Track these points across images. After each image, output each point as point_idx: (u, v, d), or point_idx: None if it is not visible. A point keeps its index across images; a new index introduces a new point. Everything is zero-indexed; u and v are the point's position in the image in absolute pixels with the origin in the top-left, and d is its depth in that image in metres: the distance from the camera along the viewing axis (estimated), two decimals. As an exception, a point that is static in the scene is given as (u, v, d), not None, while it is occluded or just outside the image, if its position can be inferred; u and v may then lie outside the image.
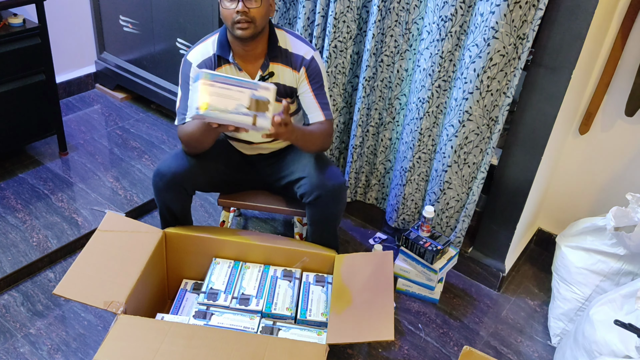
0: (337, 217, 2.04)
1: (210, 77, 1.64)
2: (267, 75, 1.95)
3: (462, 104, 2.04)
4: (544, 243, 2.59)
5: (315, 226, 2.05)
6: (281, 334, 1.79)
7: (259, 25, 1.84)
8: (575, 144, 2.34)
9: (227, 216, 2.28)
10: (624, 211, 1.89)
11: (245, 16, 1.79)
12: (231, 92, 1.65)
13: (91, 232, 2.34)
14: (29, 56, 2.55)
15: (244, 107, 1.66)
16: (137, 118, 3.26)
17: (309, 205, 1.98)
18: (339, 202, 1.98)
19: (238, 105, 1.66)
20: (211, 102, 1.65)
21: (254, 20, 1.81)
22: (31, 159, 2.84)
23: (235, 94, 1.65)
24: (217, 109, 1.65)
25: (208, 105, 1.64)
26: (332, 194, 1.94)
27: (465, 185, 2.23)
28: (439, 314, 2.27)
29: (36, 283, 2.22)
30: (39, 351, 1.97)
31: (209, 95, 1.64)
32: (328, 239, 2.07)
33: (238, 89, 1.65)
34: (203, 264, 2.04)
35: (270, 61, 1.94)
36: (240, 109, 1.66)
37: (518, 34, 1.87)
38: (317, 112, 1.99)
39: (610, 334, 1.72)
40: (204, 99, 1.64)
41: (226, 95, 1.65)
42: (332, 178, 1.95)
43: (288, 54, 1.96)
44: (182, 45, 2.89)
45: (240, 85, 1.66)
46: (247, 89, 1.66)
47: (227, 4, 1.80)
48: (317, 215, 2.00)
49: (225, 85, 1.65)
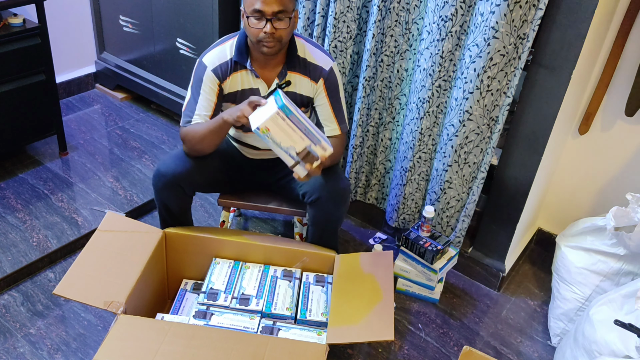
0: (338, 219, 2.03)
1: (287, 112, 1.63)
2: (284, 84, 1.94)
3: (463, 103, 2.04)
4: (544, 243, 2.59)
5: (315, 227, 2.04)
6: (281, 334, 1.79)
7: (284, 43, 1.84)
8: (575, 144, 2.34)
9: (227, 216, 2.28)
10: (624, 211, 1.89)
11: (272, 37, 1.79)
12: (294, 133, 1.66)
13: (91, 232, 2.34)
14: (29, 56, 2.55)
15: (294, 151, 1.69)
16: (137, 118, 3.26)
17: (310, 206, 1.98)
18: (341, 205, 1.97)
19: (291, 147, 1.68)
20: (272, 131, 1.65)
21: (280, 39, 1.81)
22: (31, 159, 2.84)
23: (296, 137, 1.67)
24: (272, 138, 1.66)
25: (268, 131, 1.65)
26: (333, 196, 1.92)
27: (466, 185, 2.23)
28: (439, 314, 2.27)
29: (36, 283, 2.22)
30: (39, 351, 1.97)
31: (274, 124, 1.64)
32: (328, 240, 2.06)
33: (301, 135, 1.67)
34: (203, 264, 2.04)
35: (289, 70, 1.93)
36: (291, 151, 1.69)
37: (518, 33, 1.87)
38: (333, 125, 2.00)
39: (610, 334, 1.72)
40: (269, 124, 1.64)
41: (287, 133, 1.66)
42: (335, 180, 1.93)
43: (307, 63, 1.94)
44: (182, 45, 2.89)
45: (306, 132, 1.67)
46: (308, 138, 1.68)
47: (255, 22, 1.78)
48: (318, 216, 1.99)
49: (293, 125, 1.65)
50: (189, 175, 1.95)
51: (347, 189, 1.95)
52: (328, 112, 1.99)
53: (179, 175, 1.93)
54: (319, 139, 1.69)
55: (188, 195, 2.02)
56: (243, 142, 2.12)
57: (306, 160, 1.71)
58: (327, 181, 1.92)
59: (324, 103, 1.98)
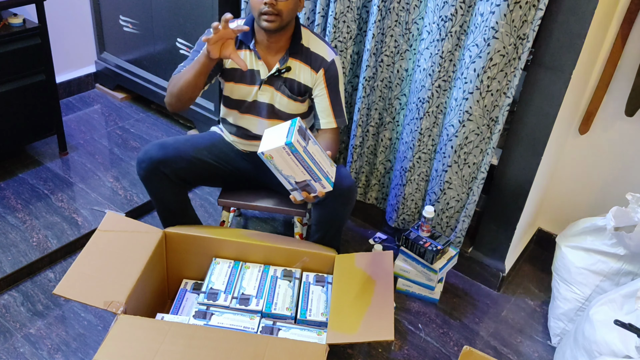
0: (343, 218, 2.02)
1: (293, 150, 1.62)
2: (284, 69, 1.94)
3: (462, 104, 2.04)
4: (544, 243, 2.59)
5: (319, 226, 2.03)
6: (281, 334, 1.79)
7: (285, 19, 1.84)
8: (575, 144, 2.34)
9: (227, 216, 2.28)
10: (624, 211, 1.89)
11: (273, 8, 1.79)
12: (297, 167, 1.67)
13: (91, 232, 2.34)
14: (29, 56, 2.55)
15: (294, 180, 1.70)
16: (137, 118, 3.26)
17: (316, 206, 1.97)
18: (347, 204, 1.96)
19: (291, 176, 1.69)
20: (275, 160, 1.66)
21: (280, 13, 1.81)
22: (31, 159, 2.84)
23: (297, 170, 1.67)
24: (275, 165, 1.67)
25: (272, 159, 1.65)
26: (341, 194, 1.90)
27: (466, 185, 2.23)
28: (439, 314, 2.27)
29: (36, 283, 2.22)
30: (39, 351, 1.97)
31: (278, 155, 1.64)
32: (331, 239, 2.06)
33: (303, 170, 1.67)
34: (203, 264, 2.04)
35: (290, 56, 1.95)
36: (290, 179, 1.70)
37: (518, 34, 1.87)
38: (329, 119, 2.00)
39: (610, 334, 1.72)
40: (273, 154, 1.64)
41: (290, 166, 1.66)
42: (341, 179, 1.91)
43: (309, 52, 1.96)
44: (182, 45, 2.89)
45: (309, 170, 1.67)
46: (309, 175, 1.68)
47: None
48: (324, 216, 1.98)
49: (297, 162, 1.65)
50: (168, 159, 1.93)
51: (353, 188, 1.95)
52: (326, 103, 1.99)
53: (157, 160, 1.92)
54: (320, 178, 1.69)
55: (177, 185, 2.00)
56: (238, 128, 2.09)
57: (304, 190, 1.73)
58: None
59: (323, 94, 1.99)
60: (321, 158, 1.71)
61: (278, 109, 2.02)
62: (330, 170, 1.74)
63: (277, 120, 2.01)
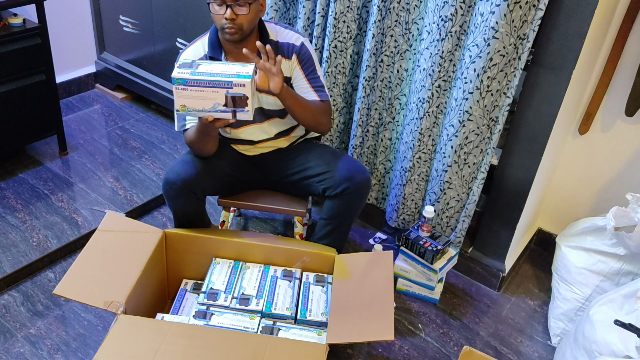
0: (357, 211, 2.06)
1: (182, 82, 1.65)
2: None
3: (462, 104, 2.04)
4: (544, 243, 2.59)
5: (331, 220, 2.05)
6: (281, 334, 1.79)
7: (246, 30, 1.86)
8: (575, 144, 2.34)
9: (227, 216, 2.28)
10: (624, 211, 1.89)
11: (233, 23, 1.81)
12: (205, 93, 1.66)
13: (91, 232, 2.34)
14: (29, 56, 2.55)
15: (221, 106, 1.68)
16: (137, 118, 3.26)
17: (332, 199, 1.99)
18: (363, 196, 2.01)
19: (215, 104, 1.68)
20: (188, 104, 1.67)
21: (241, 27, 1.83)
22: (31, 159, 2.84)
23: (209, 94, 1.67)
24: (195, 109, 1.68)
25: (185, 108, 1.67)
26: (359, 187, 1.96)
27: (466, 185, 2.23)
28: (439, 314, 2.27)
29: (36, 283, 2.22)
30: (39, 351, 1.97)
31: (184, 98, 1.66)
32: (339, 235, 2.08)
33: (212, 90, 1.66)
34: (203, 264, 2.04)
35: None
36: (218, 107, 1.69)
37: (518, 34, 1.87)
38: (311, 95, 2.00)
39: (610, 334, 1.72)
40: (180, 101, 1.67)
41: (201, 97, 1.67)
42: (359, 171, 1.97)
43: (279, 45, 1.97)
44: (182, 45, 2.89)
45: (214, 85, 1.66)
46: (221, 88, 1.66)
47: (217, 8, 1.82)
48: (339, 208, 2.01)
49: (198, 88, 1.66)
50: (197, 179, 1.94)
51: (370, 179, 2.01)
52: (304, 84, 2.00)
53: (188, 181, 1.93)
54: (230, 82, 1.66)
55: (199, 199, 2.02)
56: (239, 140, 2.12)
57: (238, 105, 1.70)
58: (352, 173, 1.96)
59: (300, 77, 2.00)
60: (224, 68, 1.69)
61: (267, 110, 2.03)
62: (242, 70, 1.70)
63: (272, 119, 2.05)
